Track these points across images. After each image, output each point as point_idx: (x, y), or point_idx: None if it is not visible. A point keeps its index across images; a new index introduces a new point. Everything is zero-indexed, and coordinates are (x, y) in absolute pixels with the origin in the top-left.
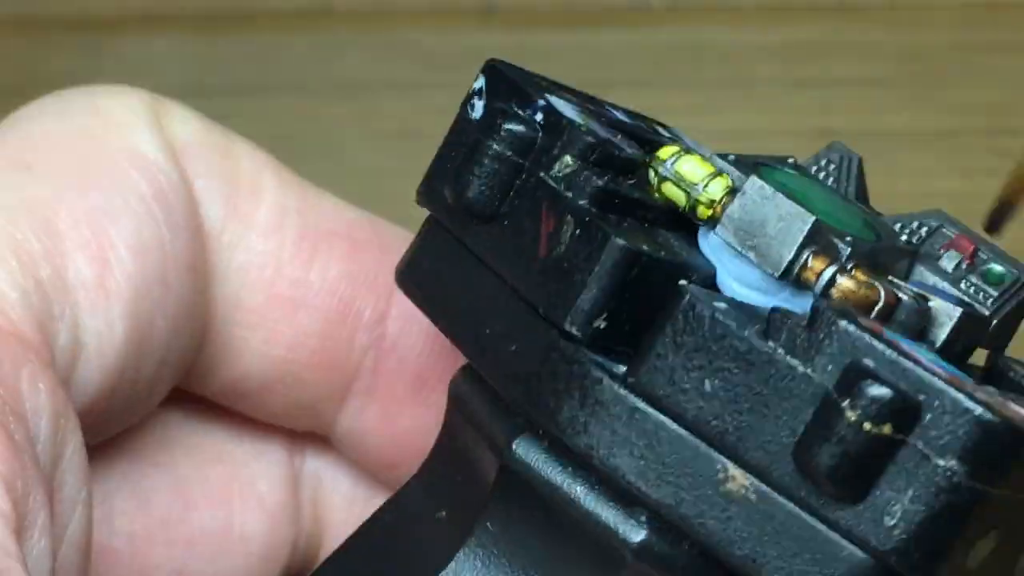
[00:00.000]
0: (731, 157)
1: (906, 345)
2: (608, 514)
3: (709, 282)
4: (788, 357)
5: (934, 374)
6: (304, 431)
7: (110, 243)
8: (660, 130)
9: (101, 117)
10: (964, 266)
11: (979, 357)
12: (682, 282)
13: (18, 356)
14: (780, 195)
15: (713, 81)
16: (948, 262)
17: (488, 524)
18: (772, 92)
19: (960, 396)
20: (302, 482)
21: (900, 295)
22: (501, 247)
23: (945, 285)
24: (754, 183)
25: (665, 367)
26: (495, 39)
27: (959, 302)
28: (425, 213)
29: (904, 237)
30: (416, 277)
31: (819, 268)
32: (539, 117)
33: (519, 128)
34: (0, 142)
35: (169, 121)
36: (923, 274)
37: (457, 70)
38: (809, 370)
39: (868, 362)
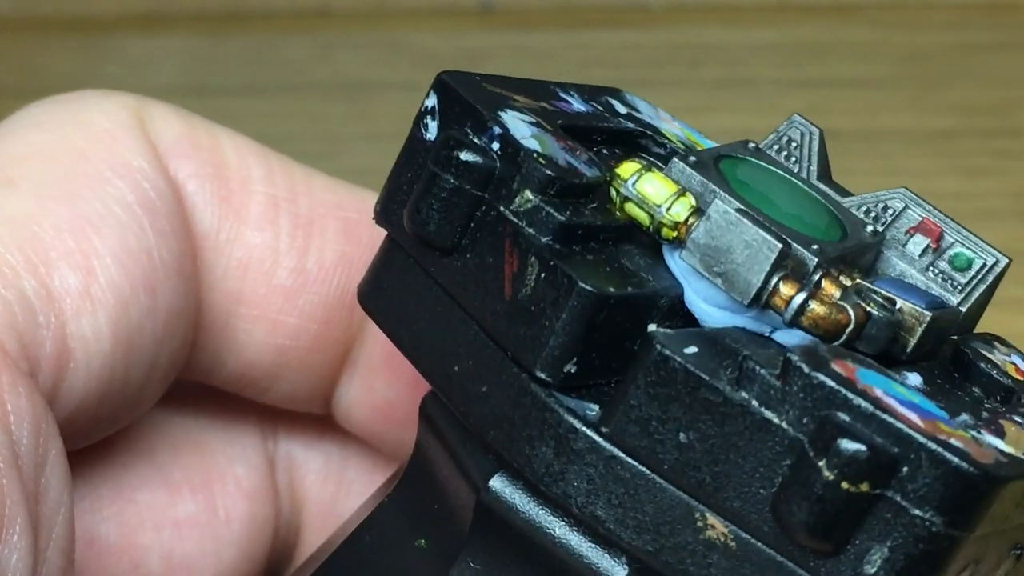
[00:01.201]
0: (691, 159)
1: (879, 391)
2: (590, 553)
3: (677, 302)
4: (762, 408)
5: (909, 425)
6: (276, 410)
7: (95, 252)
8: (617, 105)
9: (83, 127)
10: (931, 250)
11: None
12: (652, 327)
13: None
14: (745, 221)
15: (713, 81)
16: (915, 247)
17: (470, 561)
18: (772, 92)
19: (936, 448)
20: (276, 465)
21: (870, 310)
22: (464, 281)
23: (913, 273)
24: (718, 208)
25: (639, 418)
26: (494, 39)
27: (929, 303)
28: None
29: (869, 221)
30: (379, 300)
31: (788, 295)
32: (495, 146)
33: (475, 159)
34: None
35: (153, 124)
36: (890, 261)
37: (456, 70)
38: (783, 423)
39: (842, 415)
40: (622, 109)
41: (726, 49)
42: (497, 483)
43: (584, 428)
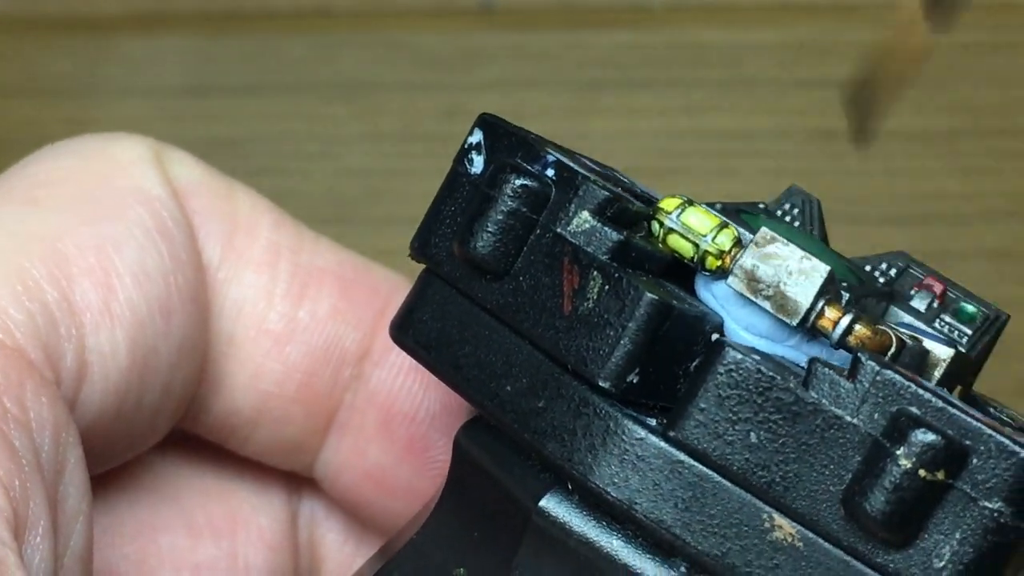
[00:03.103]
0: (718, 205)
1: (942, 391)
2: (647, 566)
3: (718, 330)
4: (833, 407)
5: (977, 419)
6: (293, 470)
7: (115, 270)
8: (621, 178)
9: (106, 158)
10: (935, 305)
11: None
12: (715, 336)
13: (23, 369)
14: (793, 245)
15: (713, 81)
16: (920, 302)
17: None
18: (772, 92)
19: (1005, 440)
20: (299, 520)
21: (904, 339)
22: (518, 302)
23: (920, 325)
24: (766, 234)
25: (708, 421)
26: (494, 39)
27: (948, 342)
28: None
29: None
30: (416, 333)
31: (835, 317)
32: (550, 172)
33: (532, 184)
34: (9, 182)
35: (171, 164)
36: (898, 314)
37: (456, 70)
38: (856, 419)
39: (915, 410)
40: (624, 179)
41: (726, 49)
42: (548, 503)
43: (650, 435)
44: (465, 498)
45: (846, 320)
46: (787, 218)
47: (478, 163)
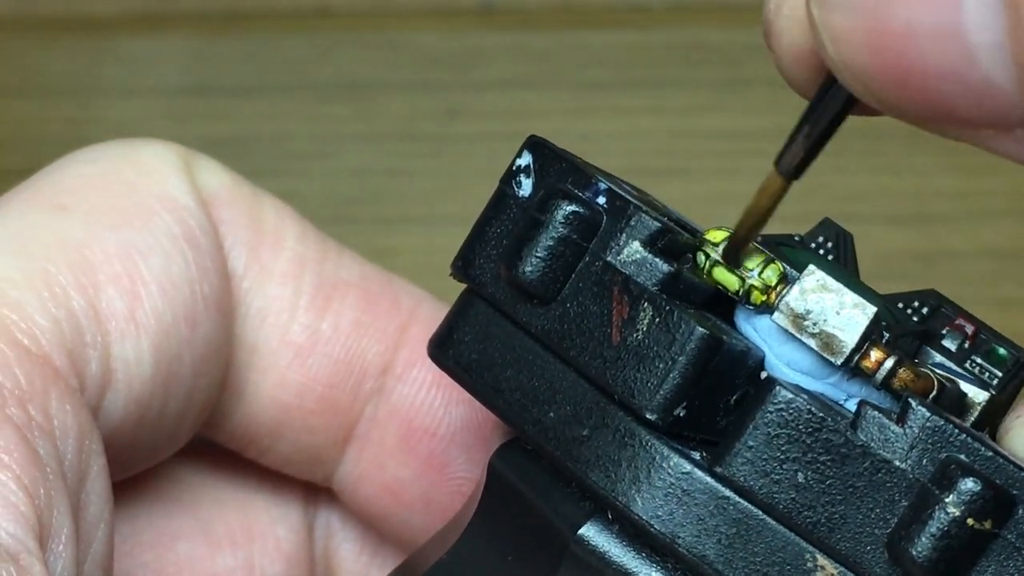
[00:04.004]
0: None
1: (986, 438)
2: None
3: (759, 367)
4: (882, 451)
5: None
6: (311, 481)
7: (141, 278)
8: (656, 204)
9: (134, 164)
10: (967, 346)
11: None
12: (765, 373)
13: (48, 377)
14: (840, 285)
15: (713, 81)
16: (951, 342)
17: None
18: (772, 92)
19: None
20: (315, 532)
21: (944, 382)
22: (564, 329)
23: (951, 366)
24: (812, 271)
25: (756, 458)
26: (494, 39)
27: (981, 384)
28: (424, 221)
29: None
30: (457, 354)
31: (880, 358)
32: (601, 200)
33: (583, 211)
34: (36, 187)
35: (199, 172)
36: (931, 354)
37: (456, 70)
38: (904, 464)
39: (964, 457)
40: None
41: (726, 49)
42: (588, 531)
43: (696, 469)
44: (500, 522)
45: (890, 362)
46: (820, 251)
47: (527, 186)
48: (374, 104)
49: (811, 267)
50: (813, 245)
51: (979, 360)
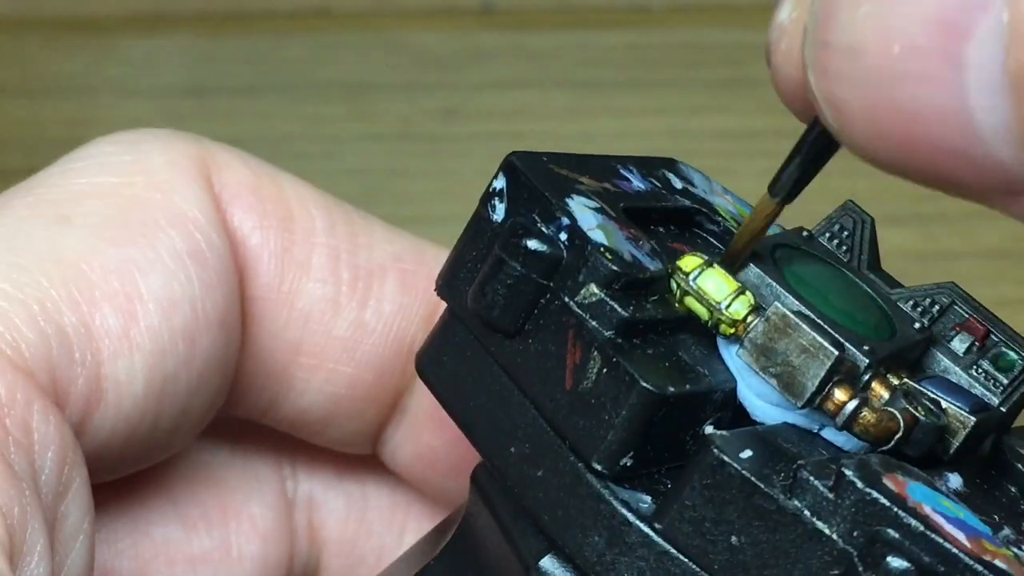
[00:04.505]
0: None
1: (928, 507)
2: None
3: (730, 394)
4: (814, 519)
5: (956, 545)
6: (296, 450)
7: (139, 296)
8: (673, 180)
9: (143, 172)
10: (976, 348)
11: None
12: (709, 429)
13: (30, 390)
14: (803, 325)
15: (713, 81)
16: (960, 344)
17: None
18: (772, 92)
19: (982, 570)
20: (296, 505)
21: (918, 415)
22: (526, 365)
23: (957, 371)
24: (777, 310)
25: (692, 517)
26: (494, 39)
27: (972, 406)
28: (423, 221)
29: (916, 315)
30: (437, 371)
31: (841, 400)
32: (563, 236)
33: (543, 248)
34: (43, 191)
35: (219, 171)
36: (935, 357)
37: (456, 70)
38: (834, 534)
39: (892, 532)
40: (678, 184)
41: (726, 49)
42: (548, 563)
43: (638, 522)
44: (476, 538)
45: (851, 406)
46: (835, 241)
47: (500, 210)
48: (374, 104)
49: (776, 305)
50: (828, 235)
51: (986, 366)
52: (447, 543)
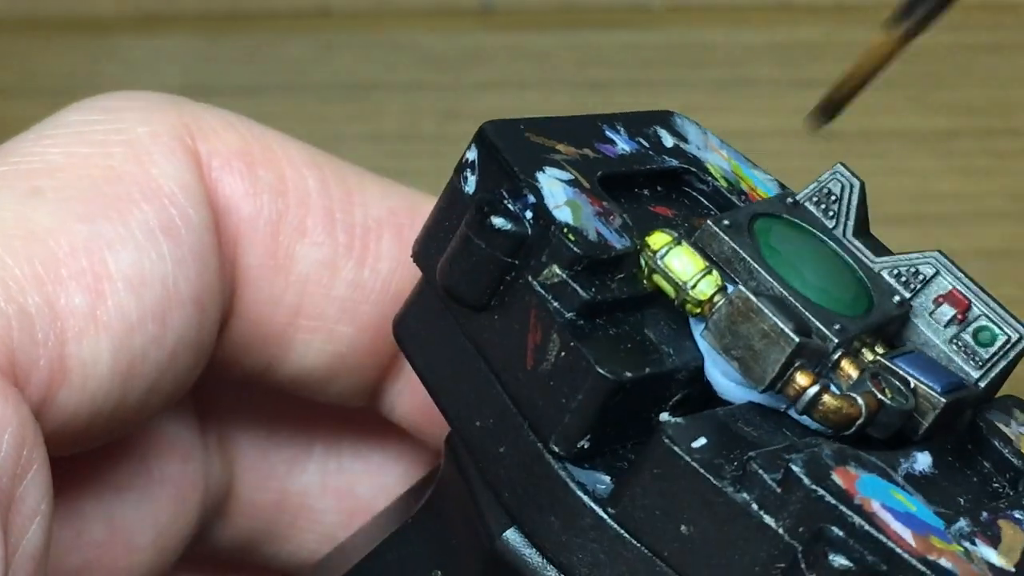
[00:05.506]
0: (725, 222)
1: (877, 503)
2: None
3: (697, 371)
4: (761, 512)
5: (900, 544)
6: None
7: (107, 275)
8: (664, 137)
9: (123, 142)
10: (957, 321)
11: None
12: (664, 416)
13: None
14: (765, 311)
15: (713, 81)
16: (941, 317)
17: None
18: (772, 92)
19: (924, 570)
20: (207, 426)
21: (883, 399)
22: (491, 341)
23: (937, 344)
24: (741, 293)
25: (644, 505)
26: (493, 39)
27: (945, 386)
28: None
29: (898, 286)
30: (411, 337)
31: (802, 385)
32: (528, 214)
33: (508, 226)
34: (16, 159)
35: (204, 139)
36: (916, 328)
37: (456, 70)
38: (780, 528)
39: (836, 530)
40: (669, 141)
41: (726, 49)
42: (511, 535)
43: (593, 505)
44: (448, 502)
45: (812, 392)
46: (822, 205)
47: (471, 183)
48: (374, 104)
49: (739, 288)
50: (815, 199)
51: (966, 339)
52: (422, 505)
